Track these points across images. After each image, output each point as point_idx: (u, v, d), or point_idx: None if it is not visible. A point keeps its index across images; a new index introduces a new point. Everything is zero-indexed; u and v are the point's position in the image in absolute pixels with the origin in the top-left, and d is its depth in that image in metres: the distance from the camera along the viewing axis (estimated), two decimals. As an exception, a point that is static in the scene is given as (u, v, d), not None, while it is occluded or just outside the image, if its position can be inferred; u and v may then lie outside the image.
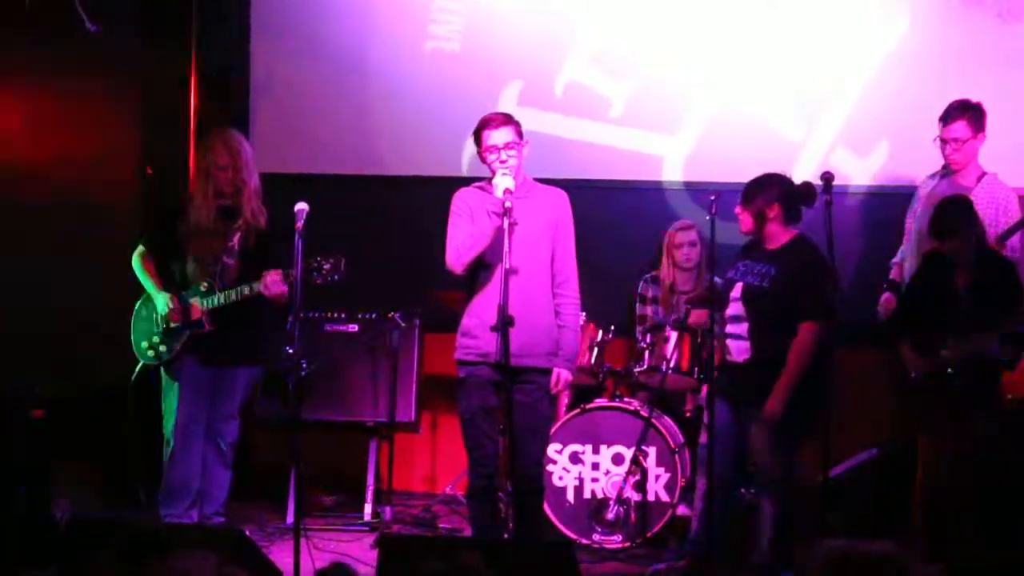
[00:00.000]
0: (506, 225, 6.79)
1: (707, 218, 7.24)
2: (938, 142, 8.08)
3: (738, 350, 7.42)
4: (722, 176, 8.96)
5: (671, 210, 9.45)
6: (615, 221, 9.54)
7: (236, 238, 7.98)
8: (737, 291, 7.44)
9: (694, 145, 9.57)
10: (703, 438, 7.51)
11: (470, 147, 8.51)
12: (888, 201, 9.14)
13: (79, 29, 9.08)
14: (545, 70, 9.65)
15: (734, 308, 7.45)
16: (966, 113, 8.02)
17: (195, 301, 7.91)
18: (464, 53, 9.72)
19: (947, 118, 8.04)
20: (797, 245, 7.46)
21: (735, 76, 9.48)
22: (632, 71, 9.58)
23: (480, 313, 7.06)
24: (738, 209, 7.48)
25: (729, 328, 7.48)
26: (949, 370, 7.21)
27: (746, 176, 7.61)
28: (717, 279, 7.63)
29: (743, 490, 8.02)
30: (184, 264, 8.03)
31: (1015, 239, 7.86)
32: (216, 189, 7.98)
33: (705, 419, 7.43)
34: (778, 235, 7.44)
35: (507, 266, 6.76)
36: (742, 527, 8.01)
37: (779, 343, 7.28)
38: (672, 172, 9.60)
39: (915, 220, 8.17)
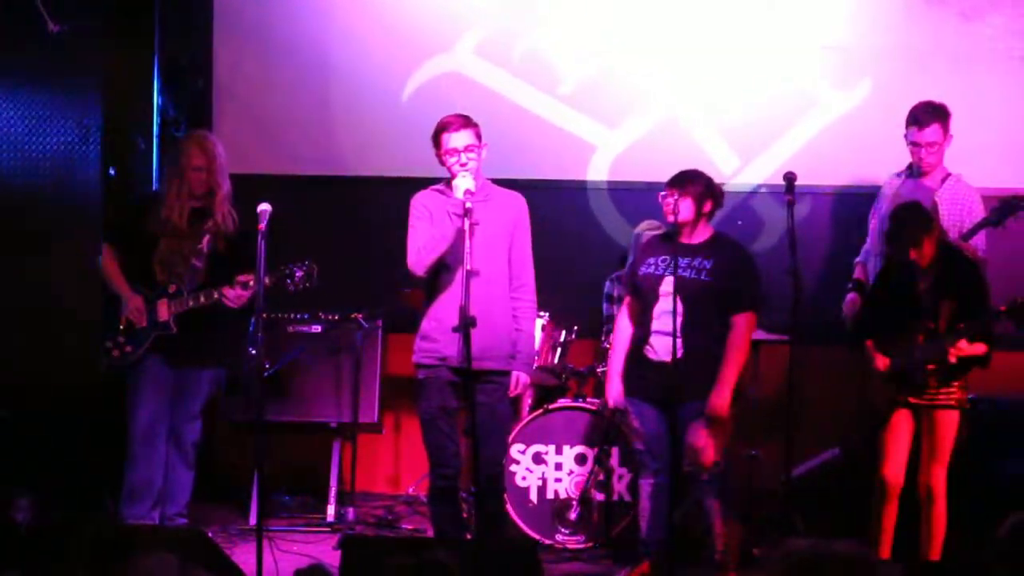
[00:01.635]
0: (467, 226, 6.80)
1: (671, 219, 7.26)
2: (910, 145, 8.10)
3: (665, 349, 7.18)
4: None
5: (636, 209, 9.43)
6: (578, 221, 9.57)
7: (205, 241, 7.97)
8: (668, 285, 7.24)
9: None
10: (636, 445, 7.51)
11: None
12: (851, 201, 9.18)
13: (41, 29, 9.05)
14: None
15: (665, 303, 7.25)
16: (939, 116, 8.04)
17: (163, 303, 7.88)
18: (432, 50, 9.73)
19: (921, 122, 8.04)
20: (724, 239, 7.49)
21: (689, 89, 9.54)
22: (592, 57, 9.61)
23: (440, 316, 7.07)
24: (675, 195, 7.28)
25: (657, 325, 7.30)
26: (915, 371, 7.22)
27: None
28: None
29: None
30: (151, 265, 8.00)
31: (979, 239, 7.89)
32: (189, 190, 7.98)
33: (635, 423, 7.45)
34: (703, 230, 7.41)
35: (468, 267, 6.76)
36: (692, 527, 7.99)
37: (709, 337, 7.26)
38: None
39: (879, 220, 8.18)
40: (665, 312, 7.24)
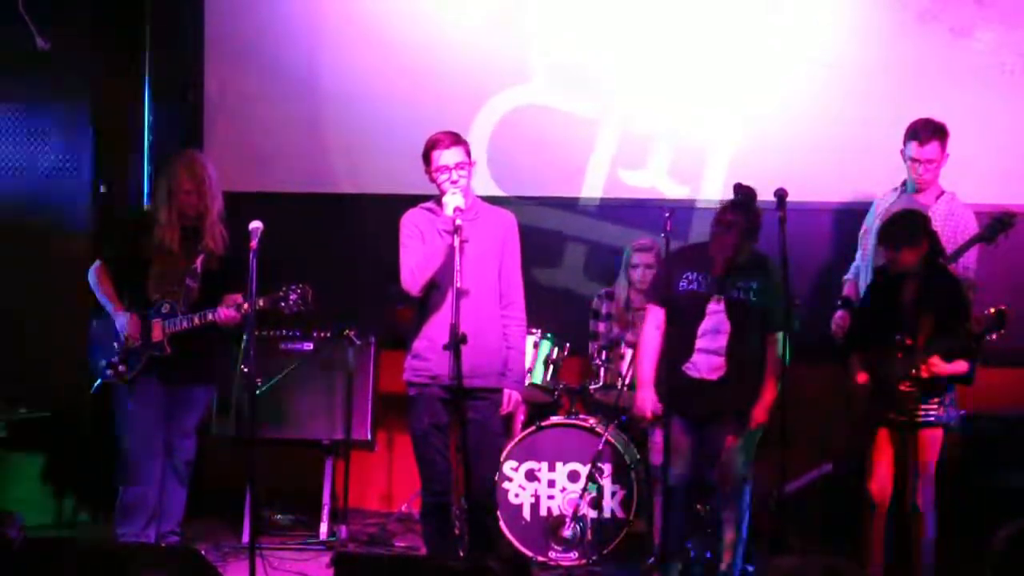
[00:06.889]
0: (457, 243, 6.81)
1: (661, 235, 7.29)
2: (908, 160, 8.09)
3: (709, 367, 7.35)
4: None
5: (630, 227, 9.42)
6: (571, 237, 9.54)
7: (199, 261, 7.93)
8: (720, 304, 7.37)
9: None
10: (655, 459, 7.53)
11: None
12: (842, 217, 9.17)
13: (30, 46, 9.06)
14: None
15: (715, 321, 7.37)
16: (938, 134, 8.04)
17: (157, 323, 7.84)
18: (420, 68, 9.72)
19: (921, 138, 8.04)
20: (763, 258, 7.50)
21: (680, 103, 9.55)
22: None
23: (431, 335, 7.07)
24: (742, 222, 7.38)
25: (702, 343, 7.39)
26: (891, 387, 7.22)
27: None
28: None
29: (699, 506, 7.98)
30: (145, 283, 7.96)
31: (970, 256, 7.88)
32: (180, 212, 7.94)
33: (656, 438, 7.46)
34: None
35: (458, 285, 6.77)
36: (704, 540, 7.98)
37: (751, 355, 7.33)
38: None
39: (872, 235, 8.17)
40: (710, 331, 7.33)
